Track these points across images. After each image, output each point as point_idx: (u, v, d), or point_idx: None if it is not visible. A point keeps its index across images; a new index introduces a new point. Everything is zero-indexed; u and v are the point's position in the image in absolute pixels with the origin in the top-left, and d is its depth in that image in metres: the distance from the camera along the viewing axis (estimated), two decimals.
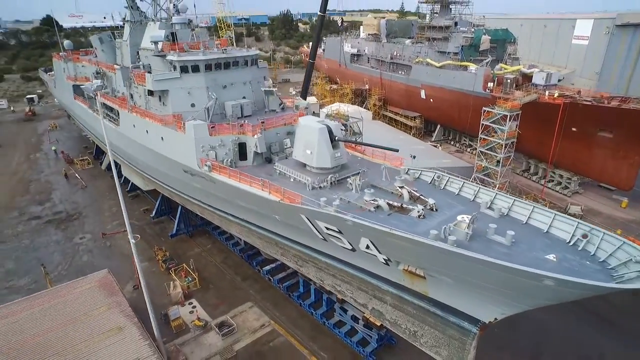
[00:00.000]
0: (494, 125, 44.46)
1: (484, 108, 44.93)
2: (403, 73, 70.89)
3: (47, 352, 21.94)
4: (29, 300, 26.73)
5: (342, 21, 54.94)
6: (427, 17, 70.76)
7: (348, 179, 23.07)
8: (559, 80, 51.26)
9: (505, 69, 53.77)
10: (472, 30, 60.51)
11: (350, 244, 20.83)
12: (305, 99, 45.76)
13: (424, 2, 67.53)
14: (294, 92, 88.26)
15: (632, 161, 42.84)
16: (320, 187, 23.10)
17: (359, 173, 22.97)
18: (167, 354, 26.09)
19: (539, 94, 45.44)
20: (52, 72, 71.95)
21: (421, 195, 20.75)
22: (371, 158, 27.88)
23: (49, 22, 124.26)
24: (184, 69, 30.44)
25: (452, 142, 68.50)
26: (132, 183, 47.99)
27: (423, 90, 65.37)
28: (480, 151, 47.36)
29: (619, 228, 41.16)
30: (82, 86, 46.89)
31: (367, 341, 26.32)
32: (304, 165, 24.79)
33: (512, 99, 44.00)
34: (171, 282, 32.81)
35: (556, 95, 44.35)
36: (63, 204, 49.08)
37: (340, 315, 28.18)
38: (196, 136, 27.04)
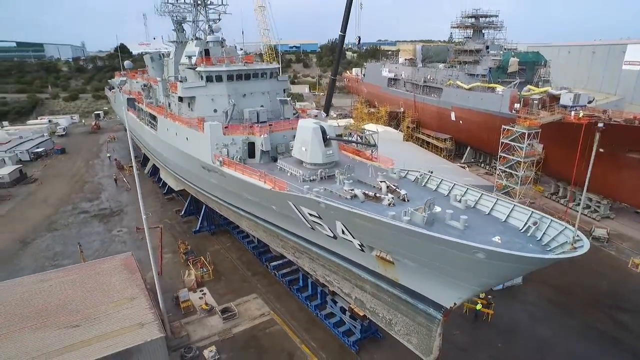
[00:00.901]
0: (513, 143, 44.44)
1: (503, 126, 45.19)
2: (435, 96, 72.04)
3: (65, 311, 25.46)
4: (62, 271, 30.92)
5: (359, 40, 58.63)
6: (457, 41, 72.22)
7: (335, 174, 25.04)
8: (589, 102, 50.29)
9: (532, 90, 53.58)
10: (502, 53, 60.99)
11: (331, 231, 22.63)
12: (327, 113, 48.53)
13: (455, 27, 69.03)
14: (334, 115, 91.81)
15: None
16: (311, 179, 25.24)
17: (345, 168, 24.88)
18: (171, 328, 28.83)
19: (563, 115, 44.97)
20: (114, 89, 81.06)
21: (397, 188, 22.26)
22: (370, 161, 29.63)
23: (119, 49, 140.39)
24: (209, 79, 34.48)
25: (483, 165, 67.85)
26: (168, 187, 52.81)
27: (453, 112, 66.06)
28: (501, 169, 47.19)
29: None
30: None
31: (352, 332, 27.45)
32: (301, 162, 27.14)
33: (532, 118, 43.96)
34: (186, 271, 35.97)
35: (581, 115, 43.74)
36: (109, 202, 54.89)
37: (331, 307, 29.58)
38: (212, 135, 30.42)
